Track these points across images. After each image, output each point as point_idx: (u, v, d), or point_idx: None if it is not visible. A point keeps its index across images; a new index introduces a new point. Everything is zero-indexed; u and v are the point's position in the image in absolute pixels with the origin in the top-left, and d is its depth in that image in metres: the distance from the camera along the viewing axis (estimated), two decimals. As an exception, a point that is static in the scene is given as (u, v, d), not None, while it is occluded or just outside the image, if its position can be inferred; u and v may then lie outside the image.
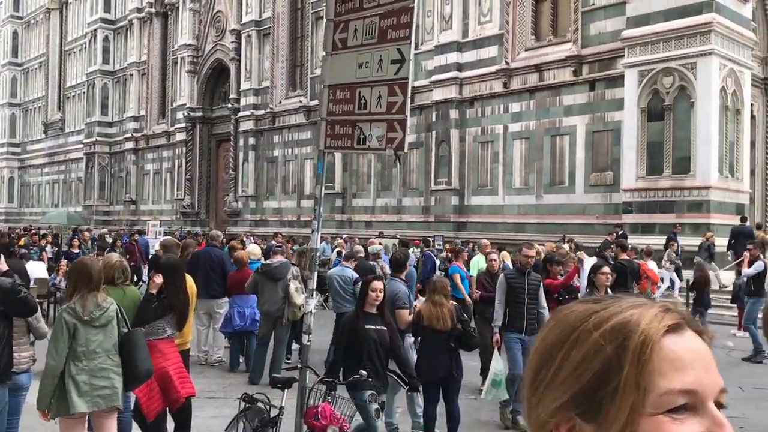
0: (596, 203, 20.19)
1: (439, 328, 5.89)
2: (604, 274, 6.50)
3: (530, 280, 7.22)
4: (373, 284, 5.31)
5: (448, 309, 6.00)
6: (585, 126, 20.56)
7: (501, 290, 7.27)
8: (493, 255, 9.29)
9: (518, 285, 7.17)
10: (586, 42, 20.46)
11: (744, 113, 18.63)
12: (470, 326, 6.49)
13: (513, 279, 7.27)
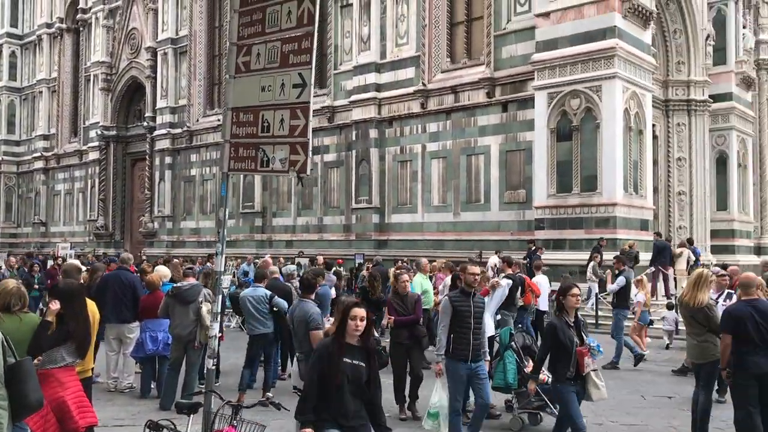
0: (510, 220, 20.79)
1: (350, 346, 5.94)
2: (575, 296, 6.10)
3: (476, 302, 6.70)
4: (354, 311, 4.32)
5: None
6: (499, 146, 21.19)
7: (445, 314, 6.66)
8: (405, 276, 8.62)
9: (464, 308, 6.58)
10: (499, 65, 21.15)
11: (646, 133, 19.63)
12: (380, 345, 6.52)
13: (458, 302, 6.63)
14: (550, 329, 6.15)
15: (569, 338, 5.95)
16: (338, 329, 4.37)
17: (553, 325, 6.13)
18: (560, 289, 6.36)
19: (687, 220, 23.20)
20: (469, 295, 6.68)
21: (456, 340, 6.56)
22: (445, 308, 6.70)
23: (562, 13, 18.89)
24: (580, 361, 5.94)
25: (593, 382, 6.03)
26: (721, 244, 23.50)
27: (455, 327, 6.57)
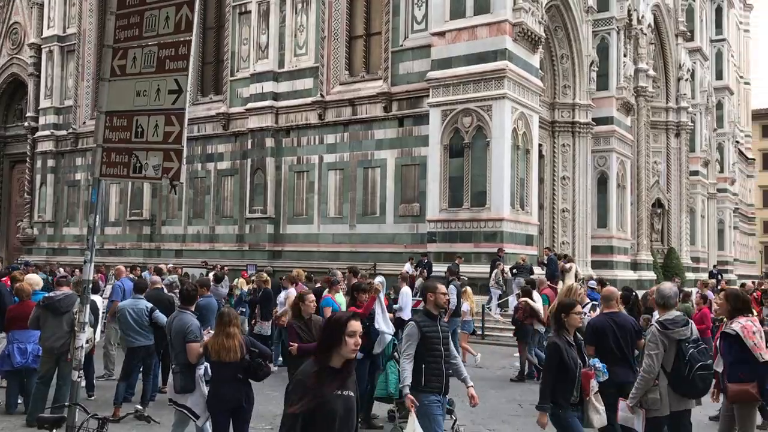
0: (405, 233, 21.14)
1: (228, 360, 5.84)
2: (578, 314, 5.61)
3: (442, 327, 5.86)
4: (351, 325, 3.53)
5: (238, 341, 5.97)
6: (395, 159, 21.54)
7: (411, 341, 5.69)
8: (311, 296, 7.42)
9: (432, 334, 5.70)
10: (396, 80, 21.54)
11: (533, 152, 20.53)
12: (261, 358, 6.40)
13: (426, 326, 5.70)
14: (554, 350, 5.52)
15: (573, 359, 5.44)
16: (322, 351, 3.47)
17: (556, 345, 5.51)
18: (562, 305, 5.75)
19: (570, 236, 24.37)
20: (437, 319, 5.83)
21: (428, 371, 5.68)
22: (411, 334, 5.71)
23: (457, 34, 19.50)
24: (585, 384, 5.50)
25: (593, 407, 5.55)
26: (600, 259, 24.82)
27: (425, 356, 5.67)
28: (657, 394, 5.59)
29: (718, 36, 42.82)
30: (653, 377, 5.59)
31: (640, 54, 28.50)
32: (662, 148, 32.75)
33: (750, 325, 5.93)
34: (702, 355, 5.58)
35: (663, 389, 5.60)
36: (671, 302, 5.84)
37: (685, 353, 5.53)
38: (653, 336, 5.64)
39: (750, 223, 55.36)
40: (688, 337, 5.63)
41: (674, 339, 5.59)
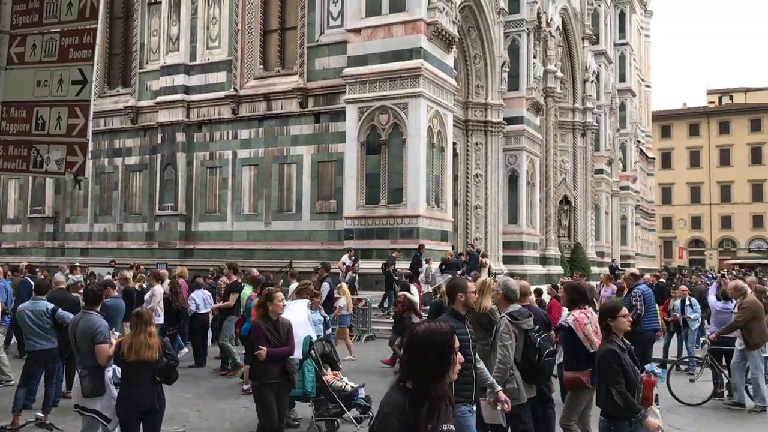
0: (321, 230, 21.02)
1: (147, 357, 5.65)
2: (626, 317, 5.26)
3: (470, 329, 5.47)
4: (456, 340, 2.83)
5: (158, 339, 5.81)
6: (311, 156, 21.38)
7: None
8: (279, 294, 6.71)
9: (463, 336, 5.05)
10: (312, 76, 21.38)
11: (448, 151, 20.85)
12: (174, 360, 6.20)
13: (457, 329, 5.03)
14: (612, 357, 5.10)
15: (631, 366, 5.09)
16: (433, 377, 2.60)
17: (614, 352, 5.10)
18: (607, 309, 5.39)
19: (482, 232, 24.93)
20: (465, 320, 5.40)
21: (459, 378, 5.31)
22: None
23: (373, 31, 19.55)
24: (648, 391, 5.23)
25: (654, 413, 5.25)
26: (511, 254, 25.52)
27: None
28: (514, 383, 5.79)
29: (621, 40, 44.84)
30: (509, 367, 5.77)
31: (549, 56, 29.46)
32: (569, 147, 34.03)
33: (582, 317, 6.29)
34: (546, 342, 5.93)
35: (518, 378, 5.81)
36: (515, 296, 6.11)
37: (534, 342, 5.81)
38: (506, 327, 5.83)
39: (650, 219, 58.35)
40: (533, 327, 5.94)
41: (523, 329, 5.84)
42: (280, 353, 6.43)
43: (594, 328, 6.23)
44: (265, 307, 6.54)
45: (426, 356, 2.68)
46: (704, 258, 72.73)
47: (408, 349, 2.76)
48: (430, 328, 2.78)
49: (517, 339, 5.81)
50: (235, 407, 9.32)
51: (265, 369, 6.40)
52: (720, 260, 69.65)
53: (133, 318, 5.88)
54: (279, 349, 6.41)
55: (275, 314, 6.54)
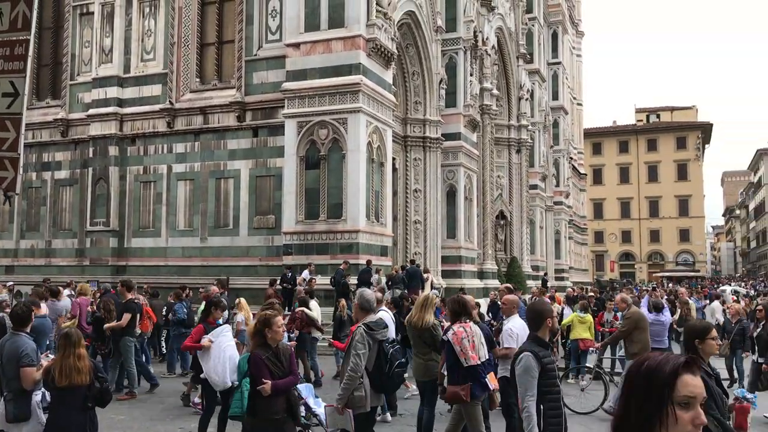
0: (259, 245, 20.75)
1: (78, 382, 5.42)
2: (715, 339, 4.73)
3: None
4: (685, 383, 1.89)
5: (88, 363, 5.59)
6: (249, 170, 21.12)
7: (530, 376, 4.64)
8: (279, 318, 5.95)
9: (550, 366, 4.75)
10: (250, 90, 21.16)
11: (387, 166, 20.96)
12: (106, 382, 5.96)
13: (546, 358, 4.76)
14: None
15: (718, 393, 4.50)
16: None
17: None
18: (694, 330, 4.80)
19: (422, 246, 25.10)
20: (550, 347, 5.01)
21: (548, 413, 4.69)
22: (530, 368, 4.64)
23: (312, 46, 19.54)
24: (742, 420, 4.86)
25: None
26: (450, 269, 25.77)
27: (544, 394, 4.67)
28: (362, 391, 5.92)
29: (554, 59, 46.17)
30: (359, 375, 5.90)
31: (485, 74, 30.08)
32: (505, 163, 34.75)
33: (461, 331, 6.48)
34: (398, 353, 6.09)
35: (366, 387, 5.95)
36: (372, 306, 6.24)
37: (386, 352, 5.95)
38: (361, 337, 5.95)
39: (583, 234, 60.00)
40: (387, 338, 6.10)
41: (377, 339, 5.99)
42: (285, 385, 5.76)
43: (471, 343, 6.44)
44: (262, 335, 5.79)
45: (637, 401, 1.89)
46: (634, 271, 75.22)
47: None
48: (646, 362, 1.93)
49: (370, 348, 5.94)
50: (170, 429, 9.05)
51: (269, 404, 5.63)
52: (649, 273, 72.20)
53: (61, 340, 5.66)
54: (284, 381, 5.73)
55: (275, 342, 5.81)
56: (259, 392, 5.52)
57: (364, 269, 18.51)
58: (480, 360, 6.48)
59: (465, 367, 6.37)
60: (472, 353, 6.39)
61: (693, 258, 76.18)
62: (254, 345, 5.87)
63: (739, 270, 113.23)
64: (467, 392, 6.34)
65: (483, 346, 6.63)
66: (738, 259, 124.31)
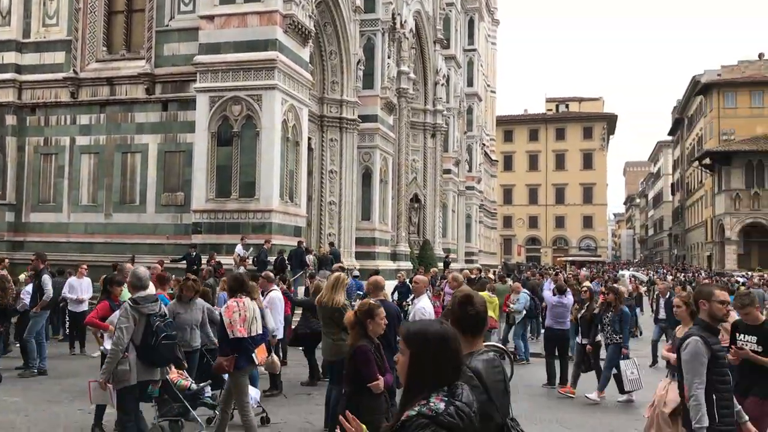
0: (167, 223, 20.11)
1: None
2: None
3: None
4: None
5: None
6: (157, 145, 20.38)
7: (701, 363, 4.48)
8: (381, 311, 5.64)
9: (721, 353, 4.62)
10: (160, 62, 20.37)
11: (302, 145, 20.71)
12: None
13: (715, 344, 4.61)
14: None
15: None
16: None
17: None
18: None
19: (336, 228, 25.07)
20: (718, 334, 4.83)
21: (720, 403, 4.51)
22: (698, 353, 4.49)
23: (226, 19, 18.98)
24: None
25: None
26: (364, 250, 25.87)
27: (715, 384, 4.48)
28: (126, 365, 6.03)
29: (470, 46, 46.84)
30: (123, 349, 6.00)
31: (402, 57, 30.17)
32: (420, 147, 35.11)
33: (233, 305, 6.82)
34: (167, 327, 6.24)
35: (132, 361, 6.05)
36: (145, 283, 6.41)
37: (152, 325, 6.09)
38: (125, 311, 6.10)
39: (492, 218, 61.57)
40: (156, 312, 6.23)
41: (144, 313, 6.12)
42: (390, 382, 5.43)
43: (242, 317, 6.79)
44: (363, 326, 5.41)
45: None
46: (540, 255, 78.02)
47: None
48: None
49: (137, 323, 6.06)
50: (69, 410, 8.69)
51: (378, 404, 5.17)
52: (554, 257, 75.02)
53: None
54: (390, 377, 5.39)
55: (376, 334, 5.46)
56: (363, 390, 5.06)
57: (296, 250, 18.43)
58: (250, 334, 6.85)
59: (230, 339, 6.69)
60: (240, 326, 6.71)
61: (595, 243, 79.71)
62: (355, 337, 5.44)
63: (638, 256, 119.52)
64: (231, 363, 6.67)
65: (256, 321, 6.99)
66: (637, 245, 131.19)
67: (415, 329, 2.49)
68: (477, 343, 2.91)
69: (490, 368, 2.79)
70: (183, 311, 8.00)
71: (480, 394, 2.61)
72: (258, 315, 7.08)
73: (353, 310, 5.72)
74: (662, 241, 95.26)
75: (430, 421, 2.24)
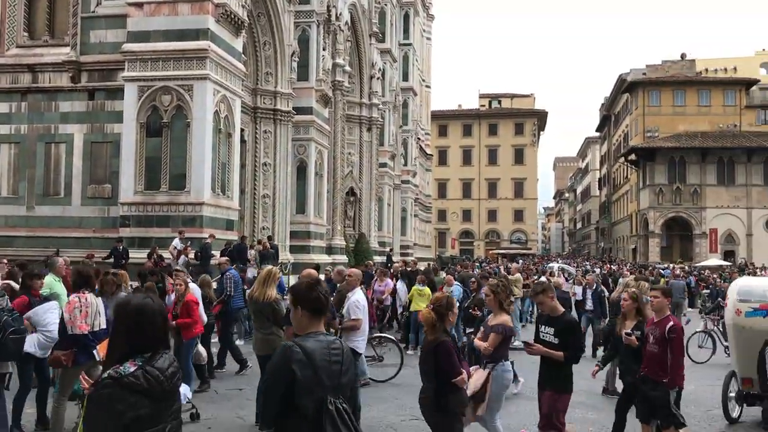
0: (94, 216, 19.51)
1: None
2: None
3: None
4: None
5: None
6: (83, 135, 19.72)
7: None
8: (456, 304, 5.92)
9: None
10: (86, 49, 19.69)
11: (235, 137, 20.36)
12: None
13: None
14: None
15: None
16: None
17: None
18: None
19: (270, 221, 24.79)
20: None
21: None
22: None
23: (156, 6, 18.46)
24: None
25: None
26: (299, 244, 25.67)
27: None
28: None
29: (405, 40, 47.01)
30: None
31: (338, 49, 30.02)
32: (356, 141, 35.07)
33: (75, 301, 6.83)
34: (15, 321, 6.26)
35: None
36: None
37: (0, 320, 6.11)
38: None
39: (427, 212, 62.16)
40: (3, 306, 6.28)
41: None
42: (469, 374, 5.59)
43: (84, 313, 6.77)
44: (443, 320, 5.38)
45: None
46: (473, 248, 79.23)
47: None
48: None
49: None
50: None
51: (461, 397, 5.31)
52: (486, 250, 76.36)
53: None
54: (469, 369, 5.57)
55: (450, 326, 5.54)
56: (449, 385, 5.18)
57: (238, 245, 18.13)
58: (92, 329, 6.86)
59: (69, 334, 6.71)
60: (82, 322, 6.73)
61: (526, 237, 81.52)
62: (436, 331, 5.35)
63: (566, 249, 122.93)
64: (69, 358, 6.68)
65: (99, 316, 7.01)
66: (565, 238, 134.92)
67: (119, 302, 3.00)
68: (317, 325, 3.22)
69: (323, 349, 3.10)
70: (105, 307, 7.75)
71: (305, 368, 2.97)
72: (102, 310, 7.06)
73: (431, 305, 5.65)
74: (590, 235, 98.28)
75: (113, 381, 2.63)
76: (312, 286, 3.33)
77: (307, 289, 3.31)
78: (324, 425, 2.96)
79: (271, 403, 3.02)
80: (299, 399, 2.95)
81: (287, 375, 2.97)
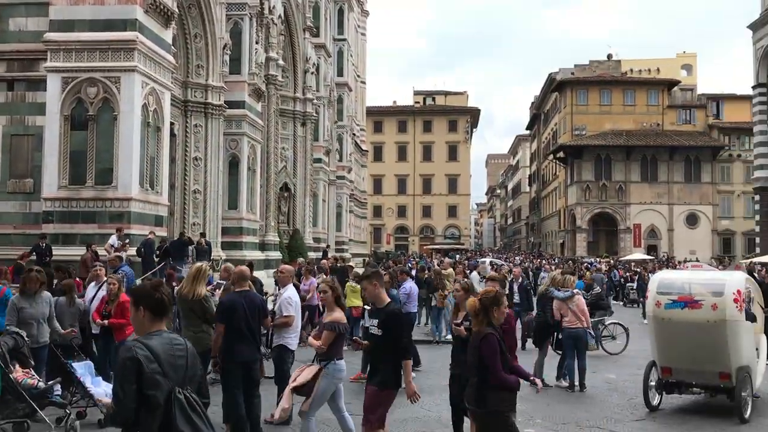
0: (14, 212, 18.73)
1: None
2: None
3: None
4: None
5: None
6: (2, 128, 18.88)
7: None
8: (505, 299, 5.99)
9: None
10: (5, 37, 18.86)
11: (164, 131, 19.87)
12: None
13: None
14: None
15: None
16: None
17: None
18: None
19: (201, 217, 24.31)
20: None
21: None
22: None
23: (81, -6, 17.81)
24: None
25: None
26: (231, 240, 25.28)
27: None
28: None
29: (340, 36, 46.87)
30: None
31: (271, 43, 29.68)
32: (290, 136, 34.80)
33: None
34: None
35: None
36: None
37: None
38: None
39: (363, 208, 62.26)
40: None
41: None
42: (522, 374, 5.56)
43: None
44: (488, 314, 5.26)
45: None
46: (408, 243, 79.88)
47: None
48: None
49: None
50: None
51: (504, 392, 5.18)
52: (421, 245, 77.09)
53: None
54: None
55: (498, 323, 5.37)
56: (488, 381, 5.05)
57: (178, 241, 17.72)
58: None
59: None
60: None
61: (459, 232, 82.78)
62: (480, 324, 5.28)
63: (498, 243, 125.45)
64: None
65: None
66: (497, 233, 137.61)
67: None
68: (158, 325, 3.46)
69: (166, 345, 3.36)
70: (28, 305, 7.49)
71: (150, 363, 3.23)
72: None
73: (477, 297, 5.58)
74: (520, 230, 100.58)
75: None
76: (156, 288, 3.53)
77: (151, 290, 3.50)
78: (173, 411, 3.21)
79: (128, 399, 3.18)
80: (147, 390, 3.18)
81: (135, 370, 3.19)
